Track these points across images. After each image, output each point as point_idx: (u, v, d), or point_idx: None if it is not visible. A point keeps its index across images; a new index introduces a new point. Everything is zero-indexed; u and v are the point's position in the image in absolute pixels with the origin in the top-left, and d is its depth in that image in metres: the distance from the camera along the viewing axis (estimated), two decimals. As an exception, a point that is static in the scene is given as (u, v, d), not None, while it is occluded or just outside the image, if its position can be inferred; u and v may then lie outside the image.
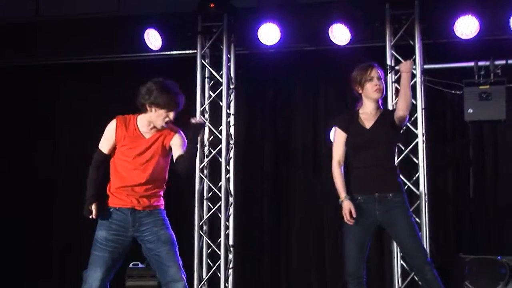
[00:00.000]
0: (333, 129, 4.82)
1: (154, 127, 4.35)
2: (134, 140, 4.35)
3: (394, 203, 4.54)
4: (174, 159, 4.38)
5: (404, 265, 6.68)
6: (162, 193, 4.48)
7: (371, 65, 4.75)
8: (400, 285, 6.72)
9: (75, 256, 7.41)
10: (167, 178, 4.50)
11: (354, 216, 4.52)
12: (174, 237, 4.37)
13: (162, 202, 4.47)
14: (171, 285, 4.30)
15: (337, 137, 4.74)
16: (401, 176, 6.58)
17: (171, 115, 4.30)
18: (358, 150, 4.67)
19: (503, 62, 6.81)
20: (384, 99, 6.84)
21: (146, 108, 4.30)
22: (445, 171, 7.42)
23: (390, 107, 6.79)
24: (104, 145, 4.41)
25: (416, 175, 6.70)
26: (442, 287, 4.49)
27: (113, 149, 4.42)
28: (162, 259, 4.29)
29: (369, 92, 4.69)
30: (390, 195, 4.54)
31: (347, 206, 4.56)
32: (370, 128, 4.66)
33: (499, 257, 6.41)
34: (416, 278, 6.37)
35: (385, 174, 4.58)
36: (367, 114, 4.72)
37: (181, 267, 4.32)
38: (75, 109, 8.14)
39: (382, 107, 4.80)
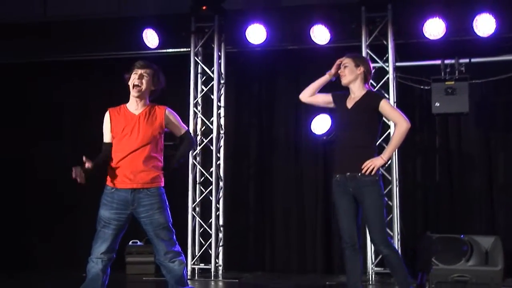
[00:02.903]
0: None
1: (141, 102, 4.56)
2: (127, 119, 4.56)
3: (363, 182, 4.63)
4: (175, 133, 4.68)
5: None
6: (160, 168, 4.54)
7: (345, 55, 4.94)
8: (373, 260, 7.04)
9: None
10: (162, 156, 4.61)
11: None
12: (169, 219, 4.50)
13: (161, 179, 4.54)
14: (161, 263, 4.55)
15: (326, 94, 4.98)
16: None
17: (138, 71, 4.54)
18: (339, 129, 4.89)
19: (467, 60, 7.14)
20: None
21: (128, 80, 4.60)
22: (414, 159, 7.68)
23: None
24: (106, 136, 4.62)
25: (388, 162, 6.65)
26: (397, 264, 4.66)
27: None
28: (153, 240, 4.50)
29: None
30: (359, 174, 4.63)
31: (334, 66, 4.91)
32: (350, 109, 4.77)
33: (462, 236, 6.71)
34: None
35: (357, 154, 4.66)
36: (351, 98, 4.85)
37: (172, 248, 4.48)
38: (79, 103, 8.40)
39: (367, 90, 4.84)
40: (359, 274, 4.79)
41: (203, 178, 7.77)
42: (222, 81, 7.78)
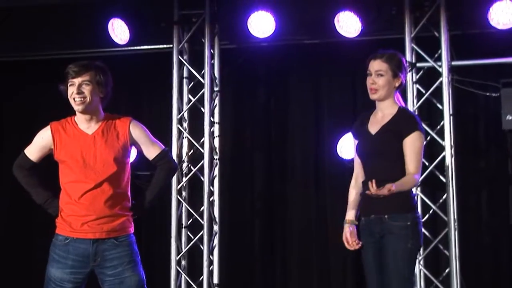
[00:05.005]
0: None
1: (92, 119, 4.16)
2: (78, 141, 4.15)
3: (391, 227, 4.29)
4: (146, 155, 4.28)
5: (427, 273, 6.50)
6: (128, 208, 4.15)
7: (374, 55, 4.41)
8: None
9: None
10: (129, 187, 4.21)
11: (351, 241, 4.46)
12: (143, 276, 4.16)
13: (131, 223, 4.17)
14: None
15: (354, 147, 4.69)
16: (420, 195, 6.49)
17: (75, 82, 4.07)
18: (362, 160, 4.50)
19: (550, 57, 6.59)
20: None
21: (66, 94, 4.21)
22: (478, 191, 7.07)
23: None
24: (33, 151, 4.22)
25: (443, 197, 6.30)
26: None
27: (42, 159, 4.24)
28: None
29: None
30: (386, 217, 4.27)
31: (344, 231, 4.53)
32: (374, 135, 4.42)
33: (550, 299, 6.10)
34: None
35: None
36: (375, 117, 4.48)
37: None
38: (25, 110, 7.75)
39: (400, 108, 4.41)
40: None
41: (191, 220, 7.01)
42: (216, 88, 7.05)
